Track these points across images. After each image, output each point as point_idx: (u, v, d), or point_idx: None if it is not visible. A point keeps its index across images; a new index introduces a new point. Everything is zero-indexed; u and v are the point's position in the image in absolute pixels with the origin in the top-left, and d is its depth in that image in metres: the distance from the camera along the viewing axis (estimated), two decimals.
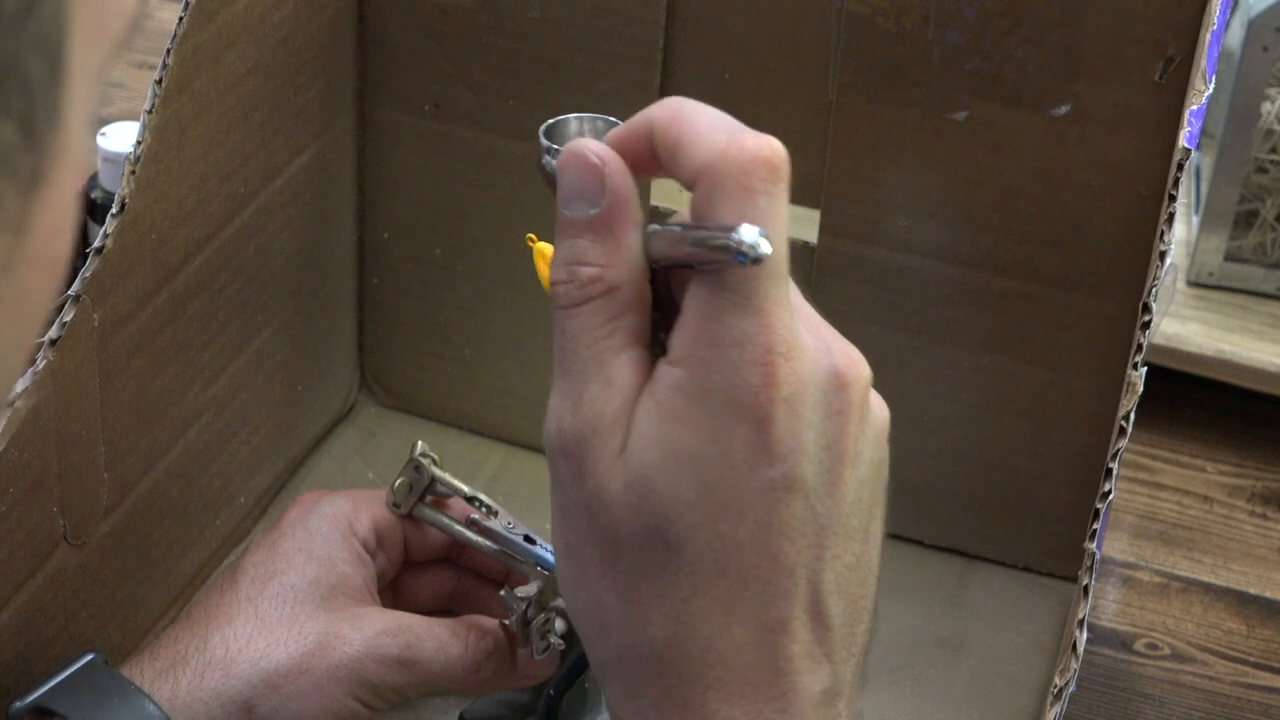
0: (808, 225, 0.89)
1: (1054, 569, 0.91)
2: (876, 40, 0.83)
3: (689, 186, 0.55)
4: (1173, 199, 0.71)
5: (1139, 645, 0.91)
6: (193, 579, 0.88)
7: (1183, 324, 1.04)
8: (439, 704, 0.83)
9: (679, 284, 0.56)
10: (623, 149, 0.56)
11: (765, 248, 0.52)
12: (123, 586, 0.81)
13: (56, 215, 0.36)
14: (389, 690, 0.76)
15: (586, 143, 0.56)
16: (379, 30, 0.91)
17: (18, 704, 0.71)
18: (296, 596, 0.77)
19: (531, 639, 0.76)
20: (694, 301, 0.54)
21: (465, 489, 0.81)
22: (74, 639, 0.77)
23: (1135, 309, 0.73)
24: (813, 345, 0.55)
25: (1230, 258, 1.07)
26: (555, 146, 0.59)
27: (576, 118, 0.60)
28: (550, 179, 0.58)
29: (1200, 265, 1.07)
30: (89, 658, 0.73)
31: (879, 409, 0.57)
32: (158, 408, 0.81)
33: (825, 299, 0.89)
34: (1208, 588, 0.95)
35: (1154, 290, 0.71)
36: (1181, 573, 0.96)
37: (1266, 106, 1.04)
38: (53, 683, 0.72)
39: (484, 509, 0.80)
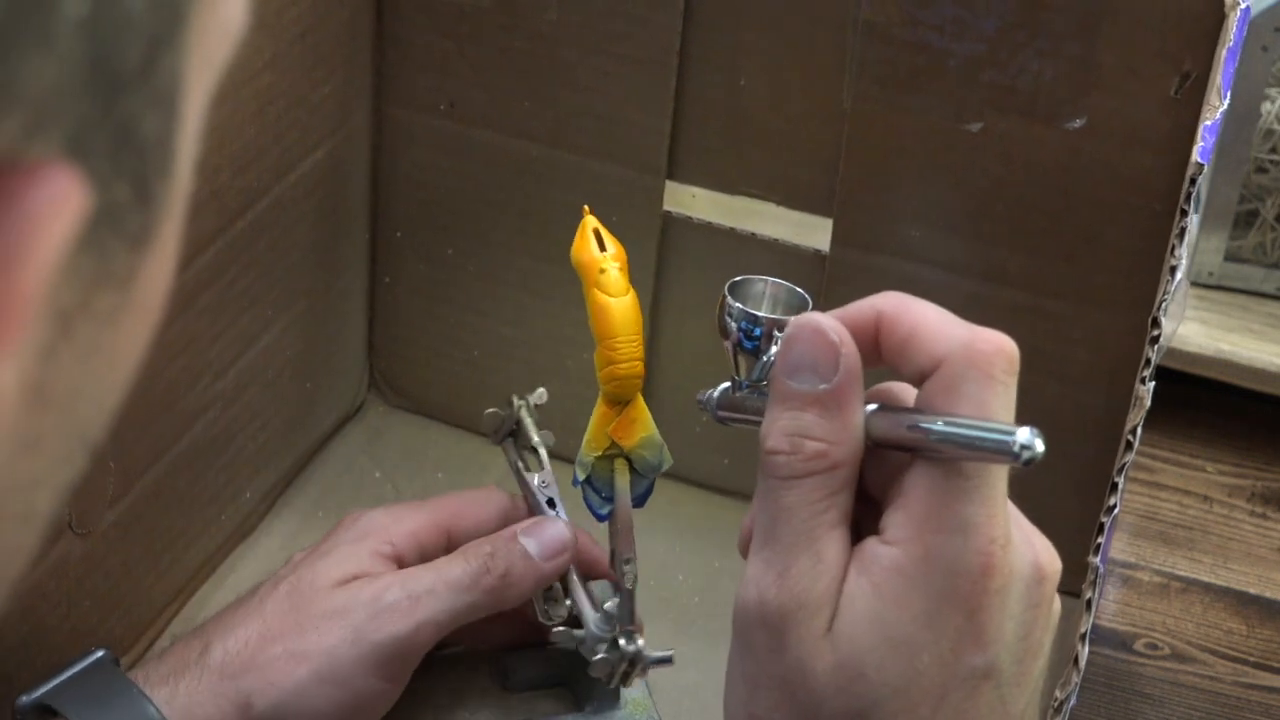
0: (820, 233, 0.89)
1: (1061, 583, 0.91)
2: (892, 49, 0.83)
3: (916, 378, 0.56)
4: (1184, 214, 0.71)
5: (1139, 645, 0.91)
6: (197, 573, 0.88)
7: (1183, 324, 1.04)
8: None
9: (877, 463, 0.57)
10: (849, 329, 0.58)
11: (1040, 448, 0.53)
12: (126, 578, 0.81)
13: (163, 267, 0.35)
14: (400, 651, 0.75)
15: (821, 318, 0.58)
16: (396, 29, 0.91)
17: (24, 699, 0.71)
18: (304, 591, 0.76)
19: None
20: (919, 485, 0.55)
21: (534, 436, 0.83)
22: (76, 628, 0.77)
23: (1146, 323, 0.73)
24: (1019, 537, 0.56)
25: (1230, 258, 1.07)
26: (740, 307, 0.61)
27: (762, 280, 0.62)
28: (726, 332, 0.61)
29: (1200, 265, 1.07)
30: (98, 655, 0.73)
31: (1057, 602, 0.59)
32: (165, 399, 0.81)
33: (836, 307, 0.89)
34: (1208, 588, 0.95)
35: (1164, 305, 0.71)
36: (1181, 573, 0.96)
37: (1266, 106, 1.04)
38: (59, 680, 0.72)
39: (536, 457, 0.83)
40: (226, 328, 0.85)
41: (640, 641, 0.76)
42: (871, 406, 0.57)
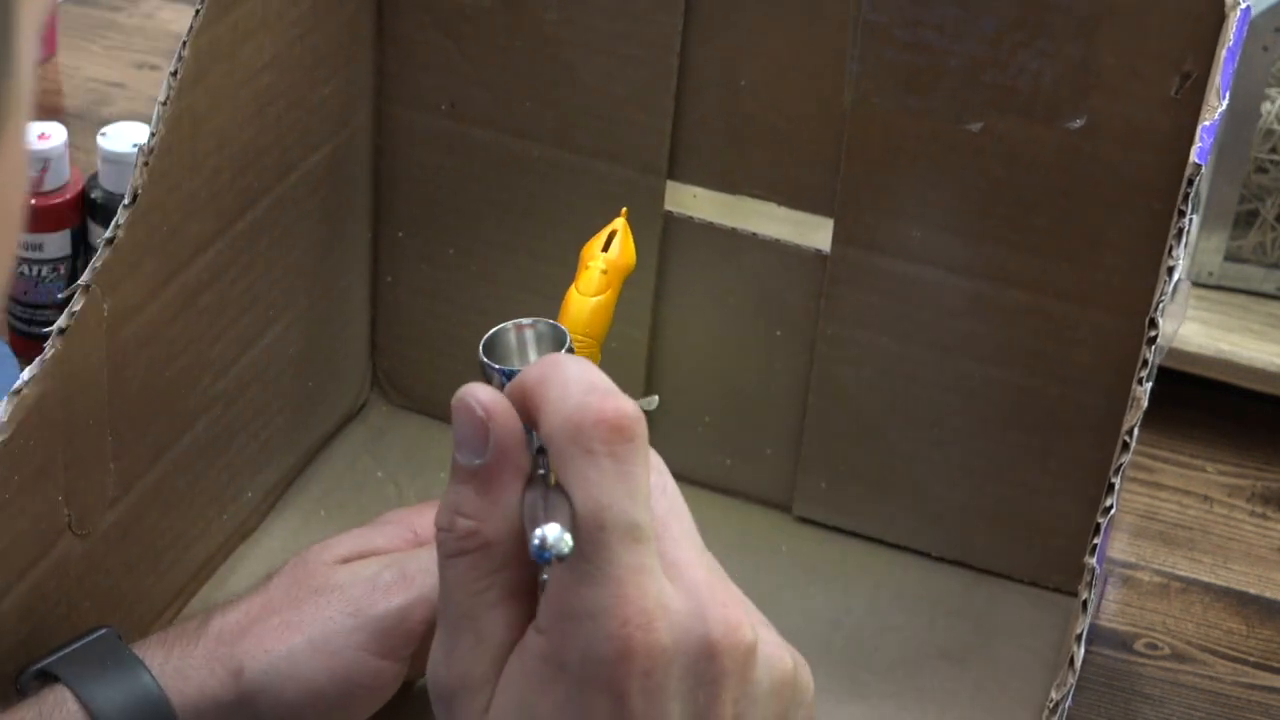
0: (821, 233, 0.89)
1: (1060, 584, 0.91)
2: (893, 50, 0.83)
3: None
4: (1182, 214, 0.71)
5: (1139, 645, 0.91)
6: (198, 573, 0.88)
7: (1183, 324, 1.04)
8: None
9: None
10: (513, 397, 0.55)
11: (565, 548, 0.51)
12: (127, 578, 0.81)
13: (10, 166, 0.36)
14: (394, 625, 0.75)
15: (474, 391, 0.55)
16: (397, 28, 0.91)
17: (26, 670, 0.73)
18: (308, 564, 0.77)
19: None
20: (555, 570, 0.53)
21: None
22: (76, 628, 0.77)
23: (1146, 324, 0.73)
24: (683, 612, 0.53)
25: (1230, 258, 1.07)
26: (488, 362, 0.58)
27: (515, 325, 0.59)
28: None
29: (1200, 265, 1.07)
30: (102, 631, 0.74)
31: (777, 667, 0.55)
32: (166, 400, 0.81)
33: (836, 308, 0.90)
34: (1208, 588, 0.95)
35: (1161, 305, 0.71)
36: (1181, 573, 0.96)
37: (1266, 106, 1.04)
38: (62, 652, 0.73)
39: None
40: (227, 327, 0.85)
41: None
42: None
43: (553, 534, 0.51)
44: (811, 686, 0.57)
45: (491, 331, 0.59)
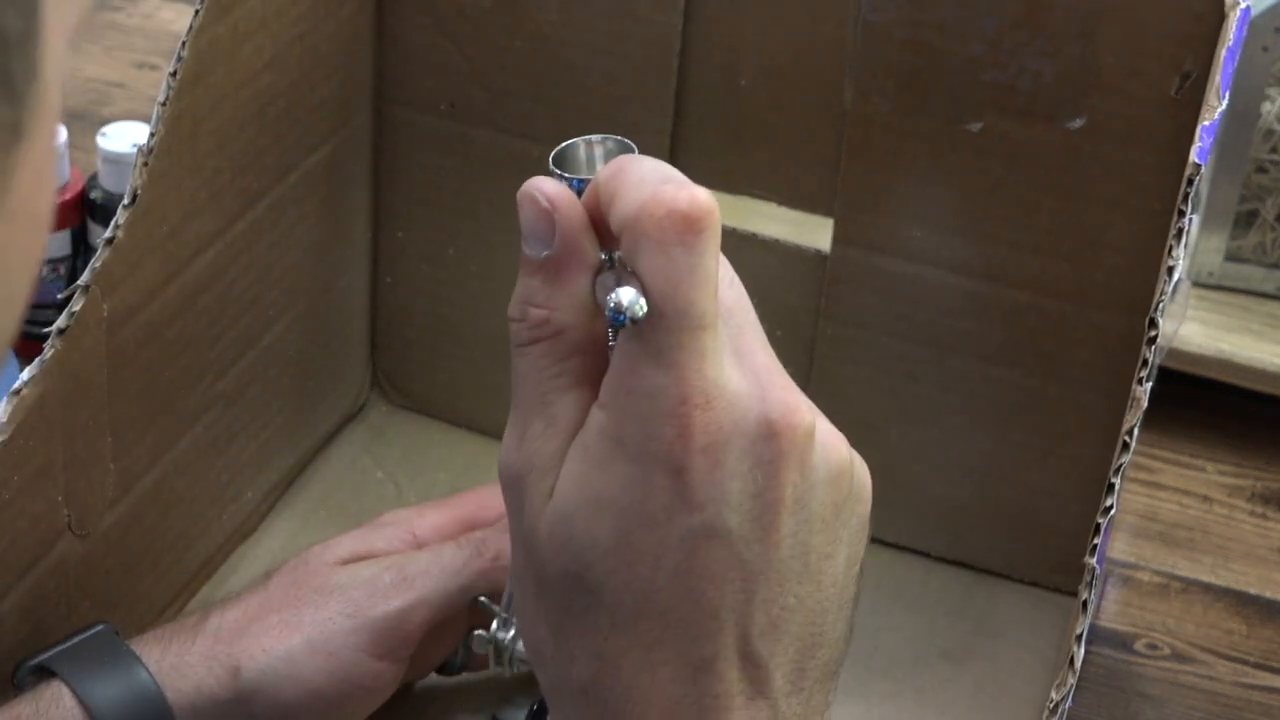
0: (821, 233, 0.89)
1: (1060, 584, 0.91)
2: (893, 50, 0.83)
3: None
4: (1182, 214, 0.71)
5: (1139, 645, 0.91)
6: (197, 573, 0.88)
7: (1182, 324, 1.04)
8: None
9: None
10: (586, 204, 0.57)
11: (640, 310, 0.52)
12: (126, 578, 0.81)
13: (38, 170, 0.36)
14: (393, 627, 0.75)
15: (539, 183, 0.56)
16: (396, 29, 0.91)
17: (23, 665, 0.73)
18: (309, 564, 0.77)
19: (503, 657, 0.77)
20: (618, 349, 0.55)
21: None
22: (76, 629, 0.77)
23: (1146, 324, 0.73)
24: (744, 393, 0.54)
25: (1230, 258, 1.07)
26: (559, 173, 0.58)
27: (585, 141, 0.59)
28: None
29: (1200, 265, 1.07)
30: (99, 627, 0.74)
31: (834, 456, 0.57)
32: (165, 400, 0.81)
33: (836, 308, 0.89)
34: (1208, 588, 0.95)
35: (1160, 305, 0.71)
36: (1181, 573, 0.96)
37: (1266, 106, 1.04)
38: (59, 648, 0.73)
39: None
40: (227, 328, 0.85)
41: (510, 631, 0.77)
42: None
43: (628, 296, 0.53)
44: (869, 486, 0.59)
45: (561, 146, 0.59)
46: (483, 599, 0.78)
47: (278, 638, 0.74)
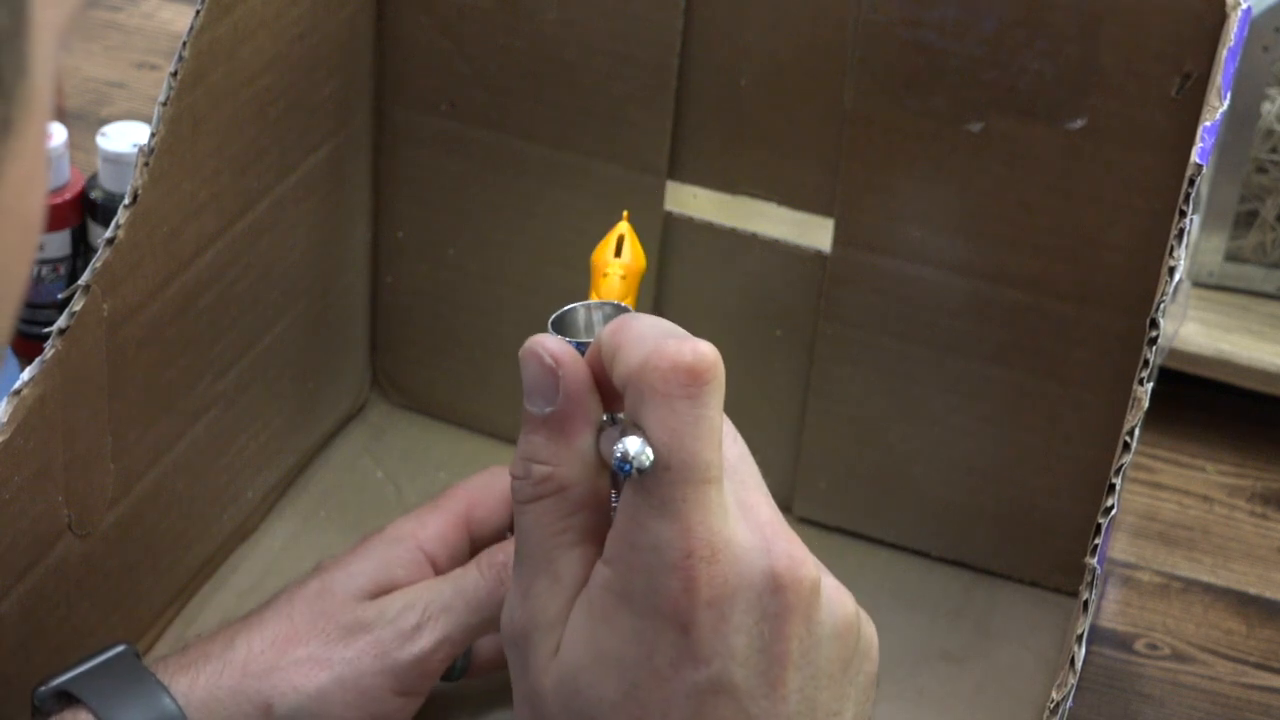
0: (821, 233, 0.89)
1: (1061, 584, 0.91)
2: (893, 50, 0.83)
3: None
4: (1183, 214, 0.71)
5: (1139, 645, 0.91)
6: (198, 573, 0.88)
7: (1183, 324, 1.04)
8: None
9: None
10: (590, 361, 0.57)
11: (646, 459, 0.53)
12: (126, 578, 0.81)
13: (27, 167, 0.36)
14: (418, 668, 0.75)
15: (543, 341, 0.57)
16: (397, 29, 0.91)
17: (44, 687, 0.72)
18: (334, 594, 0.77)
19: None
20: (623, 503, 0.55)
21: None
22: (75, 629, 0.77)
23: (1146, 323, 0.73)
24: (749, 547, 0.54)
25: (1230, 258, 1.07)
26: (559, 337, 0.59)
27: (584, 306, 0.60)
28: None
29: (1200, 265, 1.07)
30: (120, 649, 0.74)
31: (840, 611, 0.57)
32: (166, 400, 0.81)
33: (837, 309, 0.89)
34: (1208, 588, 0.95)
35: (1161, 306, 0.71)
36: (1181, 573, 0.96)
37: (1266, 106, 1.04)
38: (80, 669, 0.73)
39: None
40: (227, 328, 0.85)
41: None
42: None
43: (634, 446, 0.53)
44: (876, 642, 0.60)
45: (561, 311, 0.60)
46: None
47: (308, 676, 0.74)
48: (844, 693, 0.57)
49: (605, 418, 0.58)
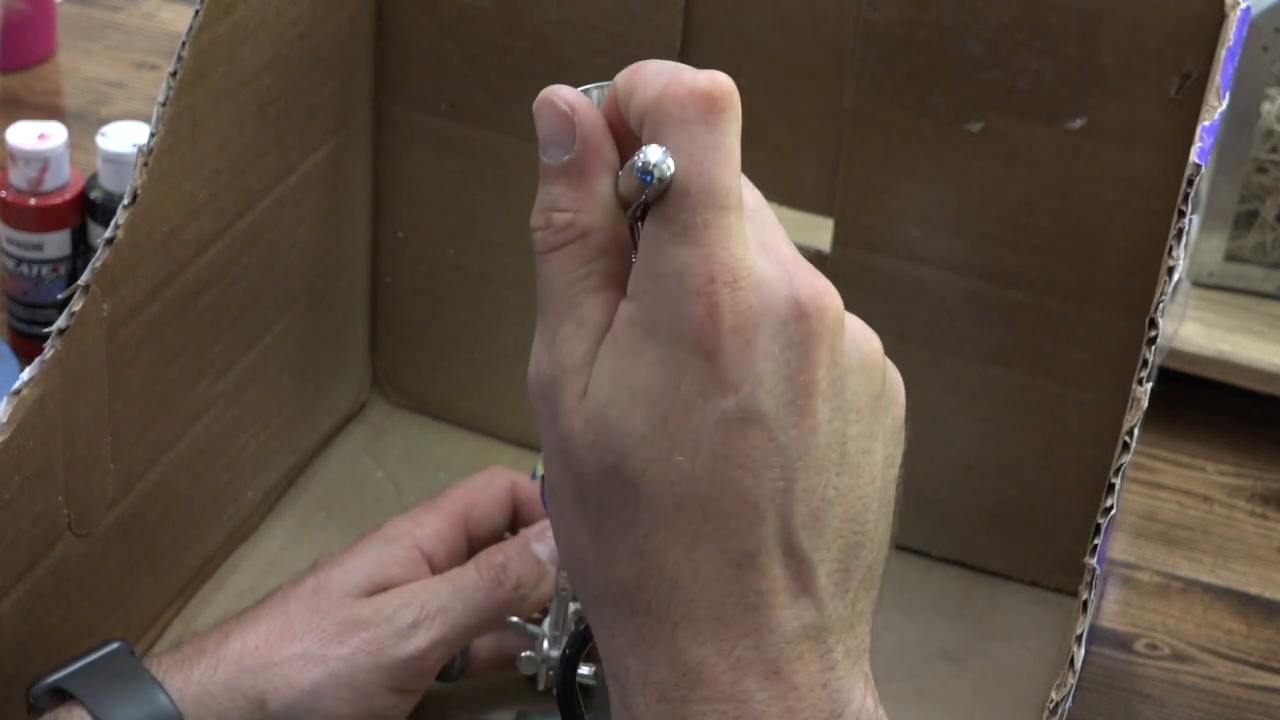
0: (821, 233, 0.89)
1: (1061, 584, 0.91)
2: (893, 50, 0.83)
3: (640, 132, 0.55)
4: (1182, 214, 0.71)
5: (1139, 645, 0.91)
6: (198, 573, 0.88)
7: (1183, 324, 1.04)
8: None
9: None
10: (605, 111, 0.57)
11: (668, 169, 0.52)
12: (127, 578, 0.81)
13: None
14: (414, 666, 0.75)
15: (557, 90, 0.57)
16: (397, 29, 0.91)
17: (39, 684, 0.72)
18: (330, 592, 0.77)
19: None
20: (644, 235, 0.54)
21: None
22: (76, 629, 0.77)
23: (1146, 324, 0.73)
24: (771, 275, 0.54)
25: (1230, 258, 1.07)
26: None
27: (597, 87, 0.59)
28: None
29: (1200, 265, 1.07)
30: (114, 646, 0.74)
31: (865, 346, 0.56)
32: (166, 400, 0.81)
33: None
34: (1208, 588, 0.95)
35: (1161, 305, 0.71)
36: (1181, 573, 0.96)
37: (1266, 106, 1.04)
38: (75, 666, 0.73)
39: None
40: (227, 328, 0.85)
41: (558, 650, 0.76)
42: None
43: (655, 155, 0.52)
44: (902, 390, 0.58)
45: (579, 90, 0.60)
46: (514, 619, 0.78)
47: (303, 672, 0.74)
48: (873, 430, 0.56)
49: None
